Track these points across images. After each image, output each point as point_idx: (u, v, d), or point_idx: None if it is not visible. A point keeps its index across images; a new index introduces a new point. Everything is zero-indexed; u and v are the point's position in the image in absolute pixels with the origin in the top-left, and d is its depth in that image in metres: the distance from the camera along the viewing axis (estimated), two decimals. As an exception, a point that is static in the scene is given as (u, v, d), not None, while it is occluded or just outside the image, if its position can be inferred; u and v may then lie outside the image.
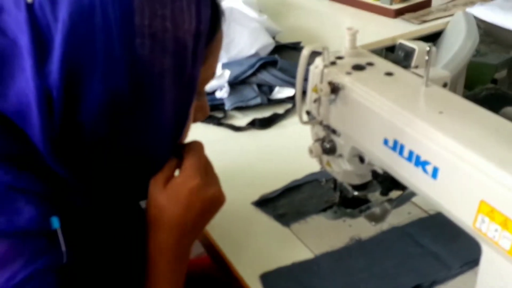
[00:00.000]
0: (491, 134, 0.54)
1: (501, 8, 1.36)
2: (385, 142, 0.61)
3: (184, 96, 0.56)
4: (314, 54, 0.69)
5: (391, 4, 1.50)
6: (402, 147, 0.59)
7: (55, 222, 0.49)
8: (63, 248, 0.49)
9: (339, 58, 0.71)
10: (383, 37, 1.39)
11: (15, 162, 0.50)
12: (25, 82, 0.49)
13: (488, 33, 1.42)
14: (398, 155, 0.59)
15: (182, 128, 0.59)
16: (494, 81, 2.21)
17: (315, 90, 0.71)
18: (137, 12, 0.48)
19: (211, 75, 0.62)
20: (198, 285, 0.95)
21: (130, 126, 0.53)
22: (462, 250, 0.70)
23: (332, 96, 0.67)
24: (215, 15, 0.57)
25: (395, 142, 0.60)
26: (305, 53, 0.68)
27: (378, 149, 0.63)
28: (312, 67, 0.71)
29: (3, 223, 0.47)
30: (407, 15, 1.49)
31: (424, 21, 1.46)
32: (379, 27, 1.47)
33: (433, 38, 1.47)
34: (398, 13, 1.49)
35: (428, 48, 0.61)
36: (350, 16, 1.56)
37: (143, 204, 0.65)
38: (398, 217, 0.77)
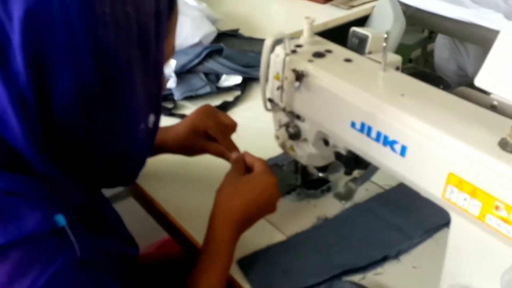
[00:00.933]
0: (451, 112, 0.59)
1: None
2: (352, 124, 0.65)
3: (152, 80, 0.55)
4: (260, 41, 0.71)
5: (320, -10, 1.55)
6: (369, 129, 0.63)
7: (61, 220, 0.49)
8: (75, 242, 0.48)
9: (299, 46, 0.74)
10: (316, 23, 1.43)
11: (5, 168, 0.49)
12: None
13: (406, 15, 1.51)
14: (366, 136, 0.63)
15: (158, 112, 0.59)
16: (410, 61, 2.36)
17: (277, 77, 0.73)
18: (97, 0, 0.47)
19: (171, 51, 0.61)
20: (170, 271, 0.95)
21: (104, 114, 0.51)
22: (420, 220, 0.76)
23: (296, 83, 0.70)
24: None
25: (362, 125, 0.64)
26: (268, 42, 0.70)
27: (345, 132, 0.66)
28: (273, 56, 0.73)
29: (12, 232, 0.46)
30: (336, 1, 1.55)
31: (352, 6, 1.53)
32: (309, 13, 1.51)
33: (361, 22, 1.54)
34: (327, 0, 1.55)
35: (385, 35, 0.65)
36: (282, 3, 1.60)
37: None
38: (358, 194, 0.82)
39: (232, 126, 0.84)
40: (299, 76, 0.69)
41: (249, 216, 0.70)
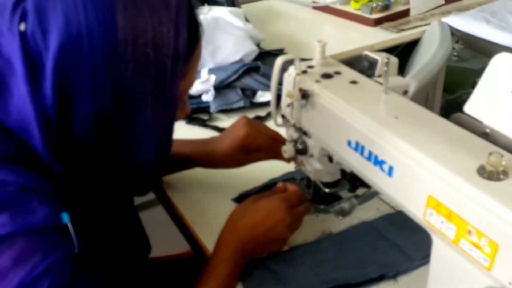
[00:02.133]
0: (439, 137, 0.60)
1: (474, 18, 1.44)
2: (349, 143, 0.68)
3: (164, 112, 0.62)
4: (290, 63, 0.75)
5: (371, 13, 1.57)
6: (363, 148, 0.66)
7: (66, 218, 0.55)
8: (74, 239, 0.55)
9: (310, 67, 0.78)
10: (363, 44, 1.46)
11: (24, 166, 0.56)
12: (22, 101, 0.55)
13: (466, 40, 1.49)
14: (360, 155, 0.66)
15: (168, 138, 0.65)
16: (475, 85, 2.29)
17: (289, 95, 0.77)
18: (121, 41, 0.53)
19: (190, 84, 0.68)
20: (183, 279, 1.01)
21: (117, 135, 0.59)
22: (424, 243, 0.76)
23: (303, 102, 0.74)
24: (193, 34, 0.62)
25: (357, 144, 0.66)
26: (278, 62, 0.74)
27: (343, 150, 0.69)
28: (286, 75, 0.77)
29: (21, 223, 0.53)
30: (386, 24, 1.56)
31: (402, 30, 1.53)
32: (359, 35, 1.54)
33: (411, 46, 1.54)
34: (377, 22, 1.56)
35: (386, 60, 0.68)
36: (332, 25, 1.63)
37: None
38: (367, 213, 0.83)
39: (281, 140, 0.86)
40: (305, 95, 0.73)
41: (255, 237, 0.73)
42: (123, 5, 0.53)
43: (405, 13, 1.61)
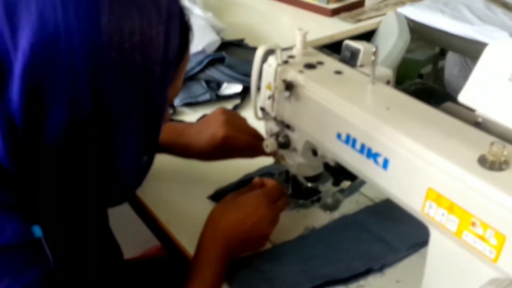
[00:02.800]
0: (434, 128, 0.59)
1: (429, 8, 1.46)
2: (338, 136, 0.65)
3: (150, 123, 0.56)
4: (266, 53, 0.72)
5: (327, 3, 1.56)
6: (354, 141, 0.64)
7: (38, 231, 0.49)
8: (49, 255, 0.49)
9: (291, 57, 0.75)
10: (322, 35, 1.45)
11: None
12: None
13: (415, 30, 1.51)
14: (351, 148, 0.64)
15: (152, 150, 0.60)
16: (420, 76, 2.35)
17: (269, 87, 0.74)
18: (104, 44, 0.47)
19: (177, 91, 0.62)
20: (156, 278, 0.96)
21: (95, 147, 0.53)
22: (407, 234, 0.76)
23: (286, 93, 0.71)
24: (184, 37, 0.57)
25: (348, 136, 0.64)
26: (259, 52, 0.71)
27: (331, 143, 0.67)
28: (265, 65, 0.74)
29: None
30: (343, 14, 1.56)
31: (359, 20, 1.54)
32: (317, 25, 1.53)
33: (367, 36, 1.55)
34: (335, 12, 1.56)
35: (374, 49, 0.66)
36: (289, 15, 1.61)
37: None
38: (347, 206, 0.82)
39: (260, 138, 0.82)
40: (289, 86, 0.70)
41: (238, 236, 0.70)
42: (108, 3, 0.47)
43: (360, 4, 1.62)
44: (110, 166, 0.55)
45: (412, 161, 0.57)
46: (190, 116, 1.07)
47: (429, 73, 2.42)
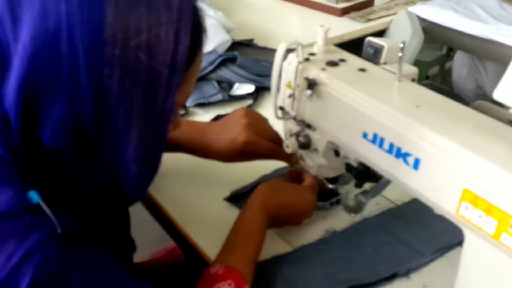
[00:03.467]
0: (468, 126, 0.57)
1: (441, 7, 1.44)
2: (364, 135, 0.63)
3: (154, 127, 0.52)
4: (274, 51, 0.69)
5: (337, 3, 1.54)
6: (382, 140, 0.61)
7: (34, 196, 0.47)
8: (53, 218, 0.47)
9: (312, 54, 0.72)
10: (331, 35, 1.42)
11: None
12: None
13: (425, 30, 1.49)
14: (378, 147, 0.61)
15: (157, 157, 0.56)
16: (427, 78, 2.33)
17: (289, 86, 0.72)
18: (108, 41, 0.45)
19: (187, 96, 0.59)
20: (175, 277, 0.94)
21: (94, 149, 0.50)
22: (432, 238, 0.74)
23: (308, 92, 0.68)
24: (196, 40, 0.53)
25: (375, 136, 0.62)
26: (280, 49, 0.68)
27: (356, 143, 0.64)
28: (285, 64, 0.72)
29: None
30: (353, 14, 1.53)
31: (369, 20, 1.51)
32: (326, 25, 1.50)
33: (378, 36, 1.53)
34: (344, 12, 1.53)
35: (401, 45, 0.64)
36: (298, 14, 1.59)
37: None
38: (368, 209, 0.79)
39: (281, 143, 0.78)
40: (311, 84, 0.68)
41: (280, 217, 0.72)
42: None
43: (370, 3, 1.60)
44: (111, 171, 0.52)
45: (446, 161, 0.55)
46: (202, 116, 1.05)
47: (436, 74, 2.40)
